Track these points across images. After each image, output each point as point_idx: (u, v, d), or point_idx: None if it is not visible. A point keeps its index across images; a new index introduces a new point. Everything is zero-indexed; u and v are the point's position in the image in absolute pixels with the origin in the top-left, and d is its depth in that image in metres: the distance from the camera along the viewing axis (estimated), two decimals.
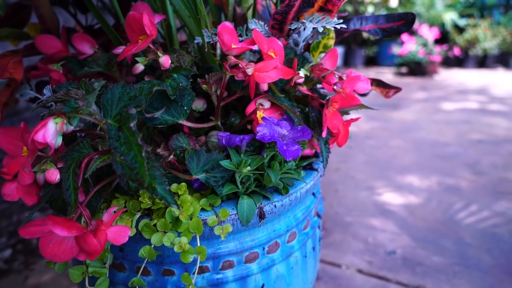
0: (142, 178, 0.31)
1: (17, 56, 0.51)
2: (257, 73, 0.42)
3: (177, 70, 0.44)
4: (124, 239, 0.37)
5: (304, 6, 0.47)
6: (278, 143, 0.40)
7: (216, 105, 0.45)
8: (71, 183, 0.36)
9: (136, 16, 0.43)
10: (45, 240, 0.36)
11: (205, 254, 0.41)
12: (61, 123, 0.34)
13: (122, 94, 0.37)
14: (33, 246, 1.15)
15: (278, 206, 0.48)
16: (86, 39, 0.54)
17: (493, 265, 1.00)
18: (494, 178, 1.54)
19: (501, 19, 4.70)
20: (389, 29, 0.61)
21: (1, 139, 0.38)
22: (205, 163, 0.42)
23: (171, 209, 0.41)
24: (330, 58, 0.50)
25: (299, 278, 0.57)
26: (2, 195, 0.37)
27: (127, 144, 0.34)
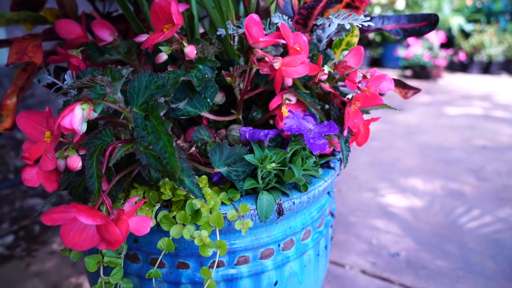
0: (174, 169, 0.30)
1: (37, 40, 0.50)
2: (284, 68, 0.41)
3: (203, 61, 0.43)
4: (146, 229, 0.37)
5: (332, 1, 0.46)
6: (305, 136, 0.39)
7: (240, 99, 0.45)
8: (95, 171, 0.35)
9: (162, 4, 0.42)
10: (66, 228, 0.35)
11: (225, 249, 0.40)
12: (88, 109, 0.33)
13: (149, 82, 0.36)
14: (35, 233, 1.15)
15: (297, 203, 0.48)
16: (106, 26, 0.53)
17: (496, 272, 1.00)
18: (497, 184, 1.54)
19: (507, 26, 4.69)
20: (411, 29, 0.61)
21: (24, 123, 0.37)
22: (227, 157, 0.41)
23: (191, 202, 0.40)
24: (355, 56, 0.49)
25: (311, 276, 0.57)
26: (23, 180, 0.37)
27: (155, 133, 0.33)
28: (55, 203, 1.32)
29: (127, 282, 0.45)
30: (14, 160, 1.58)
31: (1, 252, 1.05)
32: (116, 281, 0.44)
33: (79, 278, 0.96)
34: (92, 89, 0.35)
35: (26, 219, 1.21)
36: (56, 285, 0.93)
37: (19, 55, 0.48)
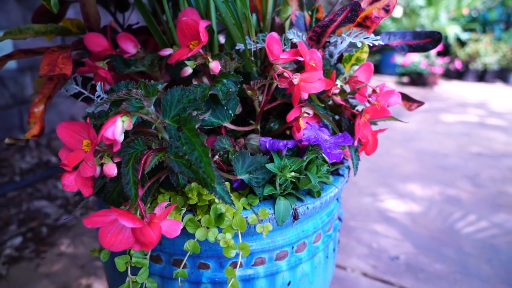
0: (211, 178, 0.33)
1: (66, 51, 0.53)
2: (303, 83, 0.44)
3: (226, 76, 0.46)
4: (177, 232, 0.40)
5: (345, 21, 0.50)
6: (323, 146, 0.43)
7: (259, 111, 0.48)
8: (131, 178, 0.38)
9: (189, 22, 0.46)
10: (104, 230, 0.38)
11: (248, 250, 0.43)
12: (129, 121, 0.36)
13: (181, 96, 0.39)
14: (43, 234, 1.17)
15: (310, 208, 0.51)
16: (130, 39, 0.56)
17: (492, 275, 1.03)
18: (493, 191, 1.58)
19: (502, 35, 4.78)
20: (416, 45, 0.64)
21: (63, 132, 0.40)
22: (249, 165, 0.45)
23: (216, 207, 0.43)
24: (365, 72, 0.53)
25: (320, 277, 0.60)
26: (62, 186, 0.40)
27: (189, 144, 0.36)
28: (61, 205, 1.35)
29: (151, 282, 0.48)
30: (20, 162, 1.60)
31: (10, 254, 1.07)
32: (143, 280, 0.46)
33: (89, 279, 0.98)
34: (129, 102, 0.39)
35: (33, 221, 1.23)
36: (66, 286, 0.96)
37: (50, 66, 0.51)
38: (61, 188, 1.46)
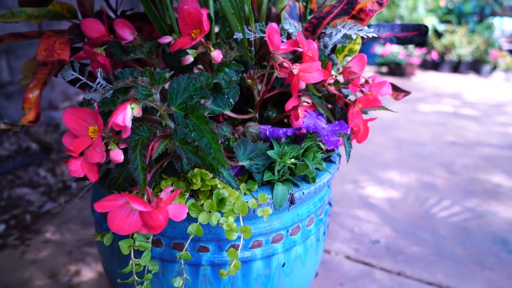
0: (222, 163, 0.35)
1: (63, 37, 0.53)
2: (302, 73, 0.46)
3: (228, 65, 0.47)
4: (183, 216, 0.41)
5: (341, 13, 0.52)
6: (322, 133, 0.45)
7: (259, 99, 0.50)
8: (139, 164, 0.39)
9: (191, 11, 0.46)
10: (113, 214, 0.39)
11: (250, 233, 0.46)
12: (138, 108, 0.37)
13: (188, 84, 0.40)
14: (27, 222, 1.15)
15: (306, 194, 0.54)
16: (127, 26, 0.56)
17: (465, 256, 1.11)
18: (465, 177, 1.67)
19: (476, 27, 4.94)
20: (404, 38, 0.67)
21: (68, 118, 0.40)
22: (250, 152, 0.46)
23: (218, 192, 0.45)
24: (358, 63, 0.55)
25: (312, 259, 0.63)
26: (69, 171, 0.40)
27: (197, 131, 0.37)
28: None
29: (153, 264, 0.50)
30: None
31: None
32: (145, 263, 0.48)
33: (77, 266, 0.98)
34: (136, 89, 0.39)
35: (16, 208, 1.21)
36: (53, 273, 0.95)
37: (47, 52, 0.50)
38: (43, 175, 1.43)
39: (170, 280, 0.53)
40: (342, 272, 1.01)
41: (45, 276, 0.94)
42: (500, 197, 1.49)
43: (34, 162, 1.51)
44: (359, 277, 1.00)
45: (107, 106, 0.40)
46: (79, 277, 0.94)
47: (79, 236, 1.11)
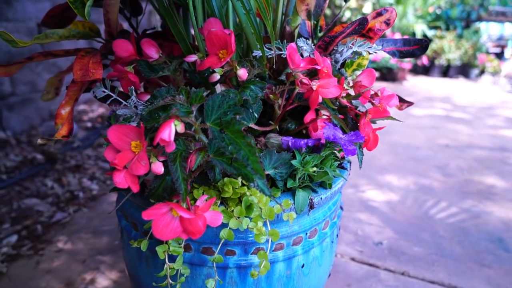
0: (260, 173, 0.39)
1: (95, 56, 0.57)
2: (320, 89, 0.51)
3: (253, 82, 0.51)
4: (219, 222, 0.45)
5: (352, 33, 0.56)
6: (341, 143, 0.49)
7: (280, 113, 0.54)
8: (180, 174, 0.43)
9: (218, 33, 0.51)
10: (157, 221, 0.43)
11: (278, 236, 0.50)
12: (181, 125, 0.41)
13: (222, 102, 0.44)
14: (38, 232, 1.17)
15: (323, 199, 0.58)
16: (153, 45, 0.60)
17: (464, 255, 1.16)
18: (460, 179, 1.73)
19: (464, 32, 5.08)
20: (406, 51, 0.72)
21: (113, 134, 0.44)
22: (275, 161, 0.50)
23: (247, 198, 0.49)
24: (368, 77, 0.60)
25: (327, 260, 0.67)
26: (114, 183, 0.44)
27: (234, 144, 0.41)
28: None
29: (185, 268, 0.53)
30: (4, 160, 1.57)
31: (7, 252, 1.08)
32: (178, 267, 0.52)
33: (92, 274, 1.01)
34: (176, 107, 0.43)
35: (27, 219, 1.23)
36: (69, 281, 0.98)
37: (83, 71, 0.54)
38: (50, 185, 1.45)
39: (198, 283, 0.57)
40: (349, 273, 1.05)
41: (62, 285, 0.96)
42: (494, 198, 1.55)
43: (40, 173, 1.53)
44: (365, 277, 1.04)
45: (150, 123, 0.44)
46: (94, 286, 0.97)
47: (91, 245, 1.13)
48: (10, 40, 0.54)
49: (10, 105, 1.91)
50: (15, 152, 1.67)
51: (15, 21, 1.89)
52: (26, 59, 0.63)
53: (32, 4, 1.97)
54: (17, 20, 1.90)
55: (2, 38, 0.53)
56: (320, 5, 0.63)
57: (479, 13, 5.70)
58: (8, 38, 0.54)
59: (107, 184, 1.52)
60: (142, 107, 0.55)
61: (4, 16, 1.83)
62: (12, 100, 1.92)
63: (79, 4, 0.52)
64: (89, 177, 1.55)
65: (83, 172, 1.59)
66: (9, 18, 1.85)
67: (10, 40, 0.54)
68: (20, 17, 1.92)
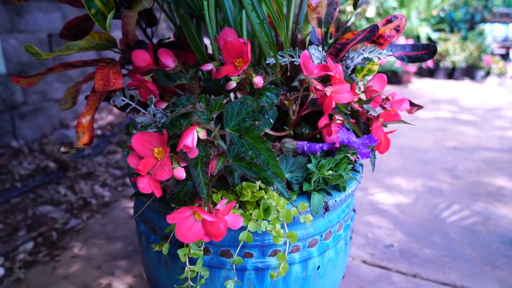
0: (280, 177, 0.41)
1: (115, 66, 0.59)
2: (334, 95, 0.52)
3: (269, 89, 0.53)
4: (239, 224, 0.47)
5: (363, 40, 0.58)
6: (355, 147, 0.51)
7: (294, 118, 0.56)
8: (202, 179, 0.44)
9: (234, 42, 0.53)
10: (180, 225, 0.44)
11: (296, 238, 0.51)
12: (203, 131, 0.43)
13: (240, 109, 0.46)
14: (53, 239, 1.19)
15: (337, 201, 0.59)
16: (169, 54, 0.62)
17: (475, 256, 1.16)
18: (469, 181, 1.73)
19: (468, 34, 5.07)
20: (414, 56, 0.74)
21: (137, 142, 0.46)
22: (291, 165, 0.52)
23: (265, 202, 0.51)
24: (379, 82, 0.61)
25: (341, 261, 0.68)
26: (139, 189, 0.45)
27: (253, 149, 0.43)
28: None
29: (204, 270, 0.55)
30: (18, 168, 1.60)
31: (25, 258, 1.10)
32: (198, 269, 0.53)
33: (108, 279, 1.02)
34: (197, 114, 0.45)
35: (42, 226, 1.25)
36: (86, 286, 1.00)
37: (104, 81, 0.56)
38: (63, 192, 1.48)
39: (217, 285, 0.58)
40: (361, 276, 1.06)
41: None
42: (504, 199, 1.55)
43: (53, 181, 1.56)
44: (377, 280, 1.05)
45: (172, 130, 0.46)
46: None
47: (106, 251, 1.15)
48: (34, 53, 0.56)
49: (22, 114, 1.95)
50: (28, 161, 1.70)
51: (26, 32, 1.93)
52: (47, 70, 0.66)
53: (42, 15, 2.02)
54: (29, 31, 1.94)
55: (27, 51, 0.56)
56: (331, 13, 0.64)
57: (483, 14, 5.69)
58: (32, 50, 0.56)
59: (119, 191, 1.54)
60: (161, 114, 0.57)
61: (16, 28, 1.87)
62: (24, 110, 1.96)
63: (100, 16, 0.55)
64: (101, 184, 1.58)
65: (95, 179, 1.62)
66: (20, 29, 1.90)
67: (34, 52, 0.56)
68: (31, 28, 1.96)
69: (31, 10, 1.93)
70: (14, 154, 1.76)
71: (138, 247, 1.17)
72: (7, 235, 1.20)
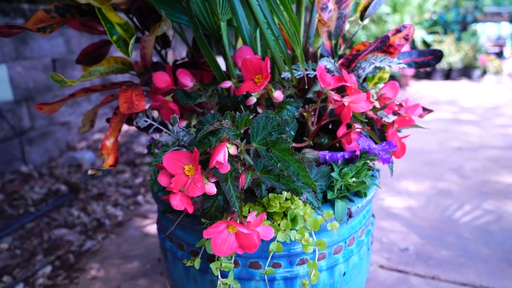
0: (312, 187, 0.42)
1: (137, 89, 0.61)
2: (352, 104, 0.54)
3: (289, 103, 0.55)
4: (271, 235, 0.48)
5: (374, 50, 0.60)
6: (377, 153, 0.53)
7: (314, 129, 0.57)
8: (233, 193, 0.46)
9: (253, 60, 0.55)
10: (215, 239, 0.46)
11: (325, 245, 0.52)
12: (234, 147, 0.45)
13: (266, 123, 0.48)
14: (71, 261, 1.20)
15: (360, 207, 0.61)
16: (187, 74, 0.65)
17: (491, 255, 1.16)
18: (477, 180, 1.74)
19: (462, 35, 5.14)
20: (421, 62, 0.76)
21: (168, 160, 0.48)
22: (315, 175, 0.54)
23: (293, 212, 0.52)
24: (391, 89, 0.64)
25: (365, 267, 0.69)
26: (172, 206, 0.47)
27: (282, 162, 0.45)
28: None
29: (236, 283, 0.56)
30: (30, 193, 1.61)
31: (44, 282, 1.10)
32: (230, 282, 0.54)
33: None
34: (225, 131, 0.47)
35: (58, 249, 1.26)
36: None
37: (128, 104, 0.58)
38: (76, 215, 1.49)
39: None
40: (380, 281, 1.06)
41: None
42: None
43: (65, 203, 1.57)
44: (396, 284, 1.05)
45: (202, 147, 0.48)
46: None
47: (124, 270, 1.16)
48: (60, 80, 0.59)
49: (30, 139, 1.97)
50: (39, 185, 1.71)
51: (32, 59, 1.97)
52: (69, 96, 0.68)
53: (46, 41, 2.06)
54: (34, 57, 1.98)
55: (53, 79, 0.58)
56: (340, 26, 0.67)
57: (474, 15, 5.78)
58: (58, 78, 0.58)
59: (131, 210, 1.55)
60: (183, 133, 0.59)
61: (22, 55, 1.91)
62: (32, 134, 1.98)
63: (121, 42, 0.57)
64: (113, 204, 1.59)
65: (106, 200, 1.63)
66: (26, 56, 1.93)
67: (60, 80, 0.58)
68: (36, 54, 2.00)
69: (35, 37, 1.97)
70: (24, 179, 1.77)
71: (156, 265, 1.18)
72: (24, 260, 1.21)
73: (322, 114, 0.59)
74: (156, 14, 0.70)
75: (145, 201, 1.63)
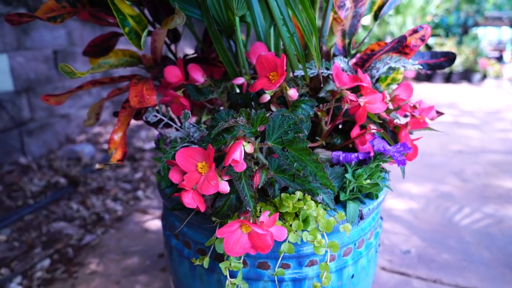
0: (330, 188, 0.41)
1: (148, 83, 0.60)
2: (368, 105, 0.53)
3: (304, 102, 0.54)
4: (284, 236, 0.47)
5: (390, 50, 0.59)
6: (391, 154, 0.52)
7: (328, 129, 0.56)
8: (247, 192, 0.45)
9: (268, 56, 0.54)
10: (228, 239, 0.45)
11: (337, 247, 0.51)
12: (250, 145, 0.44)
13: (282, 122, 0.47)
14: (69, 255, 1.18)
15: (371, 209, 0.60)
16: (199, 69, 0.63)
17: (493, 259, 1.16)
18: (478, 184, 1.74)
19: (463, 39, 5.15)
20: (433, 64, 0.75)
21: (181, 157, 0.47)
22: (329, 175, 0.53)
23: (305, 212, 0.51)
24: (405, 91, 0.63)
25: (372, 269, 0.69)
26: (184, 204, 0.46)
27: (299, 161, 0.44)
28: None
29: (244, 283, 0.55)
30: (29, 185, 1.59)
31: (42, 276, 1.09)
32: (239, 282, 0.53)
33: None
34: (241, 128, 0.46)
35: (57, 243, 1.25)
36: None
37: (138, 98, 0.57)
38: (75, 208, 1.47)
39: None
40: (382, 283, 1.06)
41: None
42: None
43: (64, 196, 1.56)
44: (398, 286, 1.05)
45: (217, 145, 0.46)
46: None
47: (123, 266, 1.15)
48: (69, 72, 0.57)
49: (29, 130, 1.95)
50: (38, 177, 1.69)
51: (33, 50, 1.94)
52: (76, 88, 0.67)
53: (48, 32, 2.03)
54: (35, 48, 1.96)
55: (63, 70, 0.56)
56: (354, 24, 0.66)
57: (475, 19, 5.78)
58: (67, 70, 0.57)
59: (131, 205, 1.54)
60: (194, 129, 0.58)
61: (23, 45, 1.88)
62: (31, 126, 1.96)
63: (133, 35, 0.56)
64: (112, 198, 1.57)
65: (106, 194, 1.61)
66: (27, 47, 1.91)
67: (69, 71, 0.57)
68: (38, 45, 1.98)
69: (37, 28, 1.95)
70: (23, 170, 1.75)
71: (156, 261, 1.17)
72: (23, 253, 1.19)
73: (335, 114, 0.58)
74: (167, 7, 0.68)
75: (145, 196, 1.61)
